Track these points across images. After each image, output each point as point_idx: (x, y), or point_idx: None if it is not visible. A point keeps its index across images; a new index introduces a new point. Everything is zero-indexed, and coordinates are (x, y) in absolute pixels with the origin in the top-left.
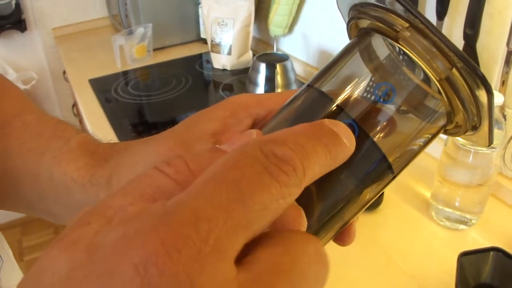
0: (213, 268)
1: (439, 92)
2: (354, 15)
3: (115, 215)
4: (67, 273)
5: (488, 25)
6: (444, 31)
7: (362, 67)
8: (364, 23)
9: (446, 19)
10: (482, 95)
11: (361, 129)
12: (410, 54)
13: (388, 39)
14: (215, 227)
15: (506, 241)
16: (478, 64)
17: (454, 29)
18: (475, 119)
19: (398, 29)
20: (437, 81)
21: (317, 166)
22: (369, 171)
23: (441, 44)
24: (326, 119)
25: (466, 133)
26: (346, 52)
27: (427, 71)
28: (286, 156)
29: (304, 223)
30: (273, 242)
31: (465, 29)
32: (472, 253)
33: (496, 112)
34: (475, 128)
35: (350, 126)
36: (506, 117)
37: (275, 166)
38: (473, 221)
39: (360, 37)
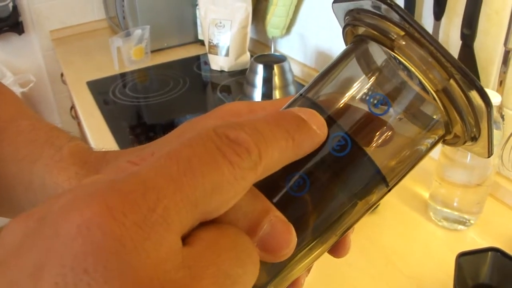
0: (159, 236)
1: (437, 103)
2: (350, 22)
3: None
4: (19, 241)
5: (485, 25)
6: (442, 31)
7: (357, 76)
8: (360, 29)
9: (444, 19)
10: (480, 107)
11: (354, 142)
12: (406, 64)
13: (384, 47)
14: (164, 198)
15: (505, 241)
16: (476, 64)
17: (451, 29)
18: (474, 130)
19: (393, 38)
20: (434, 92)
21: (277, 152)
22: (363, 185)
23: (438, 54)
24: (296, 107)
25: (465, 144)
26: (340, 60)
27: (424, 82)
28: (240, 138)
29: (293, 239)
30: (211, 226)
31: (463, 29)
32: (470, 253)
33: (494, 112)
34: (474, 139)
35: (342, 139)
36: (504, 117)
37: (228, 147)
38: (471, 222)
39: (355, 43)
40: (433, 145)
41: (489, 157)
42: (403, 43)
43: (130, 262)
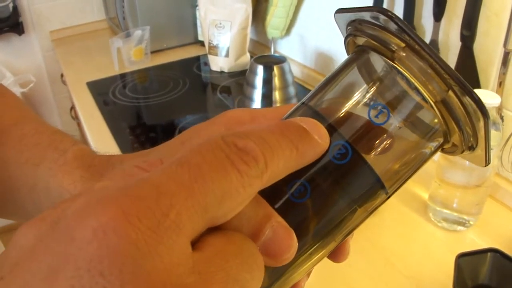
0: (172, 241)
1: (435, 113)
2: (351, 32)
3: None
4: (32, 244)
5: (485, 27)
6: (441, 32)
7: (358, 85)
8: (361, 40)
9: (443, 20)
10: (478, 117)
11: (354, 150)
12: (406, 75)
13: (385, 58)
14: (176, 203)
15: (504, 242)
16: (475, 65)
17: (451, 30)
18: (472, 139)
19: (394, 49)
20: (433, 102)
21: (282, 161)
22: (362, 192)
23: (437, 66)
24: (298, 117)
25: (463, 153)
26: (342, 70)
27: (423, 93)
28: (248, 147)
29: (294, 244)
30: (219, 233)
31: (462, 31)
32: (470, 254)
33: (493, 113)
34: (472, 148)
35: (343, 147)
36: (504, 118)
37: (236, 155)
38: (471, 222)
39: (357, 53)
40: (432, 154)
41: (486, 166)
42: (404, 54)
43: (144, 265)
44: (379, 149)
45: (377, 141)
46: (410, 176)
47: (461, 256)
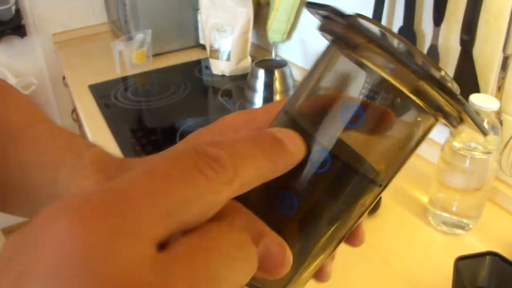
0: (130, 244)
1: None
2: (321, 29)
3: None
4: (11, 251)
5: (484, 31)
6: (441, 37)
7: (333, 87)
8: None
9: (443, 25)
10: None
11: (334, 156)
12: (376, 70)
13: (353, 55)
14: (137, 208)
15: (503, 245)
16: (475, 70)
17: (451, 35)
18: (460, 114)
19: (359, 46)
20: (408, 93)
21: (253, 169)
22: (352, 194)
23: (400, 59)
24: (274, 128)
25: (459, 126)
26: (315, 69)
27: (396, 85)
28: (217, 155)
29: (288, 257)
30: (196, 229)
31: (462, 35)
32: (468, 257)
33: (493, 118)
34: (461, 121)
35: (321, 155)
36: (503, 122)
37: (204, 162)
38: (470, 226)
39: (326, 51)
40: (423, 137)
41: (485, 136)
42: (368, 51)
43: (102, 268)
44: (360, 150)
45: (357, 143)
46: (403, 163)
47: (460, 259)
